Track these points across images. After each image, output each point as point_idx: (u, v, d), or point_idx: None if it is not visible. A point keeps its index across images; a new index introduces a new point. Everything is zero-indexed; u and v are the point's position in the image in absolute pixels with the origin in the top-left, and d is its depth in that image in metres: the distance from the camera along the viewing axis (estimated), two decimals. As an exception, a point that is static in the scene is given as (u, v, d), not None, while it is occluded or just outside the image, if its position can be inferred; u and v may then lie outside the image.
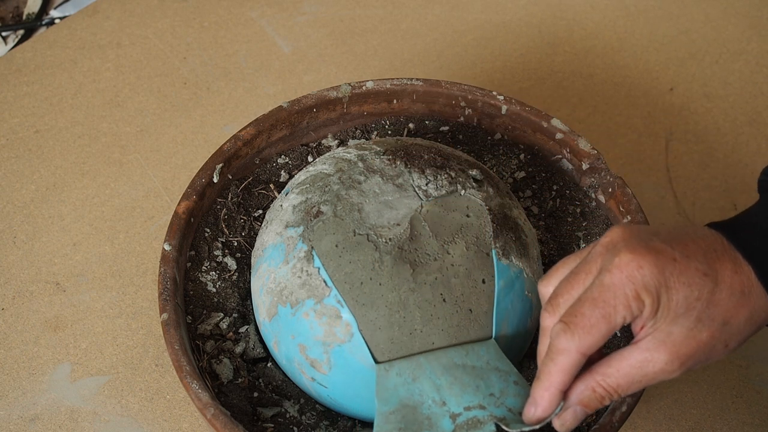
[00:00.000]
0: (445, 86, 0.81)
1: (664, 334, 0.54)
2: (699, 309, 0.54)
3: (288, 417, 0.69)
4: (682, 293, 0.54)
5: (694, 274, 0.54)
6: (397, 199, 0.67)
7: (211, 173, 0.76)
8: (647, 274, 0.53)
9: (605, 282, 0.54)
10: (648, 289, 0.53)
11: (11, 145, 0.96)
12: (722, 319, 0.54)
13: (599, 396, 0.56)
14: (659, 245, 0.55)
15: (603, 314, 0.54)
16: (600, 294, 0.54)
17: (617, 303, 0.54)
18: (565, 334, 0.54)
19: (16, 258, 0.88)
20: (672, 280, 0.54)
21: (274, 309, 0.68)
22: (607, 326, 0.54)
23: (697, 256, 0.55)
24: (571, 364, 0.55)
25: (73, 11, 1.08)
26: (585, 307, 0.54)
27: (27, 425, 0.79)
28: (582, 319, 0.54)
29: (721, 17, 1.08)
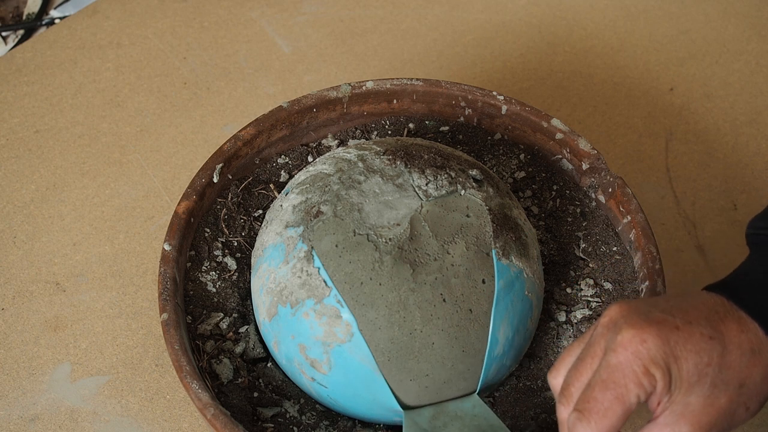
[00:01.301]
0: (445, 86, 0.81)
1: (682, 406, 0.53)
2: (712, 375, 0.53)
3: (288, 417, 0.69)
4: (692, 361, 0.53)
5: (699, 339, 0.53)
6: (397, 199, 0.67)
7: (211, 173, 0.76)
8: (652, 347, 0.52)
9: (612, 362, 0.53)
10: (656, 363, 0.52)
11: (11, 145, 0.96)
12: (737, 381, 0.54)
13: None
14: (659, 316, 0.54)
15: (615, 396, 0.53)
16: (609, 375, 0.53)
17: (628, 382, 0.52)
18: (581, 422, 0.53)
19: (16, 258, 0.88)
20: (678, 349, 0.53)
21: (274, 309, 0.68)
22: (622, 407, 0.53)
23: (699, 321, 0.54)
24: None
25: (73, 11, 1.08)
26: (596, 392, 0.53)
27: (27, 425, 0.79)
28: (595, 404, 0.53)
29: (721, 17, 1.08)
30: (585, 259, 0.77)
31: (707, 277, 0.88)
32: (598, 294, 0.75)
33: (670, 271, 0.87)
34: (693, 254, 0.90)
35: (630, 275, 0.75)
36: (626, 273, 0.75)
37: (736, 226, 0.92)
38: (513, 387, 0.72)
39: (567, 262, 0.77)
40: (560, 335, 0.73)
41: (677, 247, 0.90)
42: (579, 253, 0.77)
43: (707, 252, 0.90)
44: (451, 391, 0.67)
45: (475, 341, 0.66)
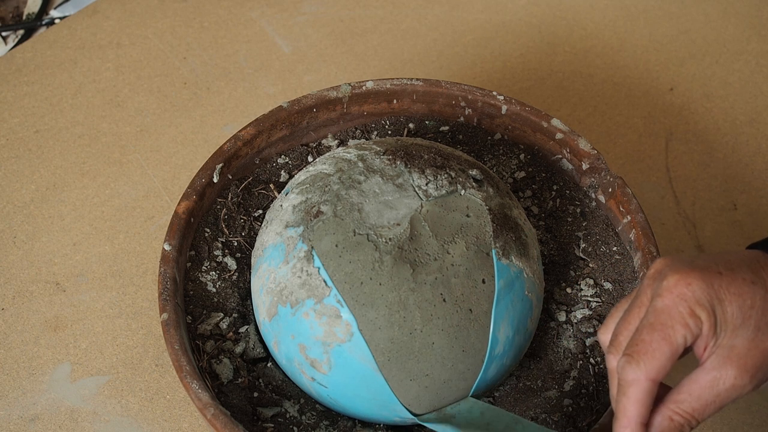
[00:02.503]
0: (445, 86, 0.81)
1: (728, 350, 0.54)
2: (755, 318, 0.54)
3: (288, 417, 0.69)
4: (735, 304, 0.54)
5: (742, 283, 0.54)
6: (397, 199, 0.67)
7: (211, 173, 0.76)
8: (697, 290, 0.54)
9: (658, 306, 0.54)
10: (701, 304, 0.54)
11: (11, 145, 0.96)
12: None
13: (678, 424, 0.55)
14: (702, 263, 0.55)
15: (662, 336, 0.54)
16: (656, 318, 0.54)
17: (674, 323, 0.54)
18: (630, 364, 0.54)
19: (16, 258, 0.88)
20: (722, 293, 0.54)
21: (274, 309, 0.68)
22: (670, 348, 0.54)
23: (741, 267, 0.55)
24: (644, 394, 0.55)
25: (73, 11, 1.08)
26: (644, 334, 0.54)
27: (27, 425, 0.79)
28: (643, 346, 0.54)
29: (721, 17, 1.08)
30: (585, 259, 0.77)
31: (707, 277, 0.88)
32: (598, 294, 0.75)
33: (670, 271, 0.87)
34: (693, 254, 0.90)
35: (630, 275, 0.75)
36: (626, 273, 0.75)
37: (736, 226, 0.92)
38: (513, 387, 0.72)
39: (567, 262, 0.77)
40: (560, 335, 0.73)
41: (677, 247, 0.90)
42: (579, 253, 0.77)
43: (707, 252, 0.90)
44: (451, 390, 0.67)
45: (475, 341, 0.66)
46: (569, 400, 0.70)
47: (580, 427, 0.69)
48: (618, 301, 0.74)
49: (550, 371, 0.72)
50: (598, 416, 0.69)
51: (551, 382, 0.72)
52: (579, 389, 0.71)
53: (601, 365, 0.72)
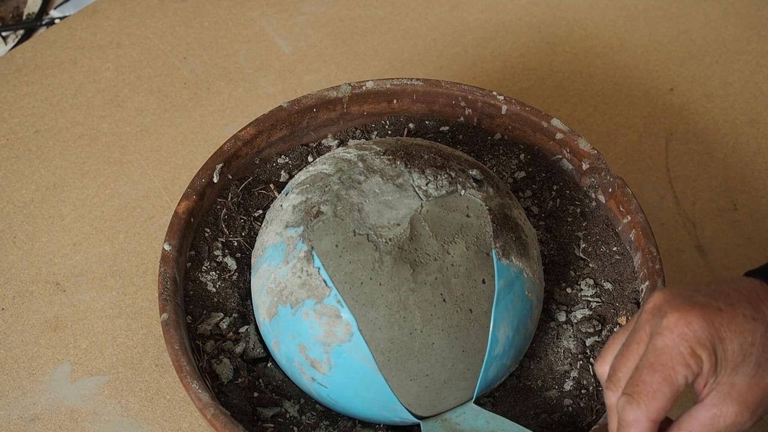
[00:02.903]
0: (445, 86, 0.81)
1: (728, 386, 0.54)
2: (756, 354, 0.54)
3: (288, 417, 0.69)
4: (736, 341, 0.54)
5: (743, 320, 0.54)
6: (397, 199, 0.67)
7: (211, 173, 0.76)
8: (698, 329, 0.54)
9: (658, 345, 0.54)
10: (702, 343, 0.54)
11: (11, 145, 0.96)
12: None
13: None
14: (702, 299, 0.55)
15: (664, 377, 0.54)
16: (656, 358, 0.54)
17: (675, 363, 0.54)
18: (631, 405, 0.54)
19: (16, 258, 0.88)
20: (723, 330, 0.54)
21: (274, 309, 0.68)
22: (671, 389, 0.54)
23: (742, 302, 0.55)
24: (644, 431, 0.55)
25: (73, 11, 1.08)
26: (644, 374, 0.54)
27: (27, 425, 0.79)
28: (644, 387, 0.54)
29: (721, 17, 1.08)
30: (585, 259, 0.77)
31: (707, 277, 0.88)
32: (598, 294, 0.75)
33: (670, 271, 0.87)
34: (693, 254, 0.90)
35: (630, 275, 0.75)
36: (626, 273, 0.75)
37: (736, 226, 0.92)
38: (513, 387, 0.72)
39: (567, 262, 0.77)
40: (560, 335, 0.73)
41: (677, 247, 0.90)
42: (579, 253, 0.77)
43: (707, 252, 0.90)
44: (451, 391, 0.67)
45: (475, 341, 0.66)
46: (569, 400, 0.70)
47: (580, 427, 0.69)
48: (618, 301, 0.74)
49: (550, 371, 0.72)
50: (598, 416, 0.69)
51: (551, 382, 0.72)
52: (579, 389, 0.71)
53: (601, 365, 0.72)
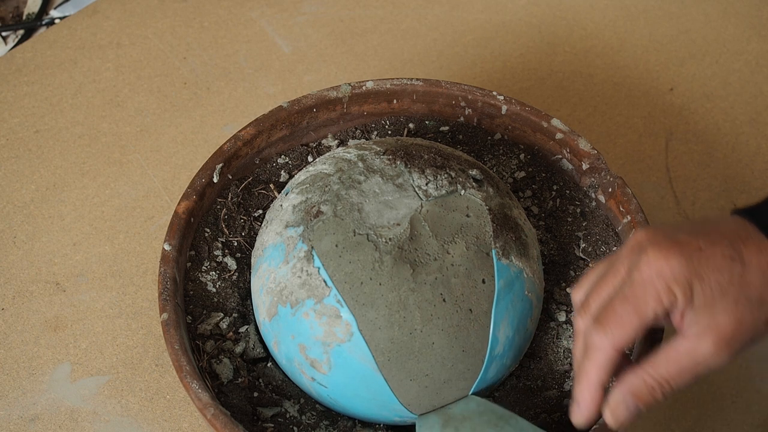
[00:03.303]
0: (445, 86, 0.81)
1: (707, 320, 0.56)
2: (734, 292, 0.55)
3: (288, 417, 0.69)
4: (714, 279, 0.55)
5: (721, 259, 0.56)
6: (397, 199, 0.67)
7: (211, 173, 0.76)
8: (675, 266, 0.55)
9: (635, 279, 0.56)
10: (678, 281, 0.55)
11: (11, 145, 0.96)
12: (758, 297, 0.56)
13: (650, 387, 0.57)
14: (684, 237, 0.56)
15: (634, 309, 0.56)
16: (630, 291, 0.56)
17: (647, 297, 0.55)
18: (598, 331, 0.56)
19: (16, 258, 0.88)
20: (701, 269, 0.55)
21: (274, 309, 0.68)
22: (639, 320, 0.56)
23: (722, 242, 0.56)
24: (607, 361, 0.57)
25: (73, 11, 1.08)
26: (616, 304, 0.56)
27: (27, 425, 0.79)
28: (614, 316, 0.56)
29: (721, 17, 1.08)
30: (585, 259, 0.77)
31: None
32: (598, 294, 0.75)
33: (670, 271, 0.87)
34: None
35: (630, 275, 0.75)
36: (626, 273, 0.75)
37: (736, 226, 0.92)
38: (513, 387, 0.72)
39: (567, 262, 0.77)
40: (560, 335, 0.73)
41: (677, 247, 0.90)
42: (579, 253, 0.77)
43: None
44: (451, 390, 0.67)
45: (475, 341, 0.66)
46: (569, 400, 0.70)
47: (580, 427, 0.69)
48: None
49: (550, 371, 0.72)
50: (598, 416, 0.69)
51: (551, 382, 0.72)
52: (579, 389, 0.71)
53: (601, 365, 0.72)
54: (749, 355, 0.84)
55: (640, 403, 0.57)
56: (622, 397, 0.58)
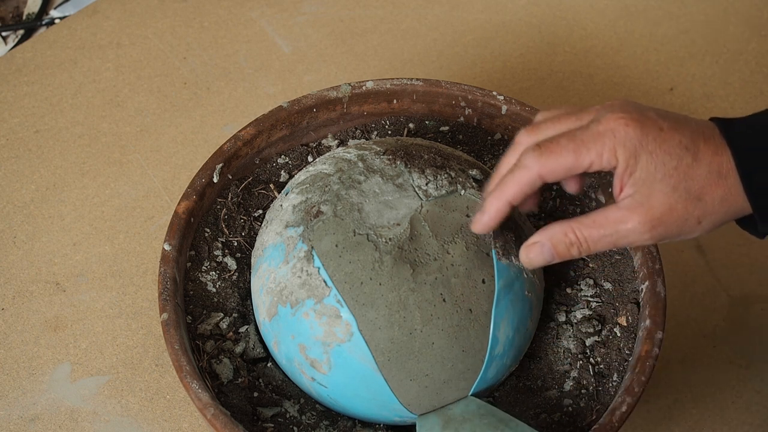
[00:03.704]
0: (445, 86, 0.81)
1: (641, 197, 0.58)
2: (676, 178, 0.57)
3: (288, 417, 0.69)
4: (661, 159, 0.57)
5: (676, 145, 0.58)
6: (397, 199, 0.67)
7: (211, 173, 0.76)
8: (630, 133, 0.57)
9: (591, 128, 0.58)
10: (626, 146, 0.57)
11: (11, 145, 0.96)
12: (697, 193, 0.58)
13: (569, 240, 0.60)
14: (652, 115, 0.58)
15: (575, 148, 0.58)
16: (581, 134, 0.58)
17: (592, 146, 0.58)
18: (535, 153, 0.59)
19: (16, 258, 0.88)
20: (653, 146, 0.57)
21: (274, 309, 0.68)
22: (573, 160, 0.58)
23: (684, 131, 0.58)
24: (527, 181, 0.59)
25: (73, 11, 1.09)
26: (562, 139, 0.58)
27: (27, 425, 0.79)
28: (555, 147, 0.58)
29: (721, 17, 1.08)
30: (585, 259, 0.77)
31: (707, 277, 0.88)
32: (598, 294, 0.75)
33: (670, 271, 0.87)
34: (693, 254, 0.90)
35: (630, 275, 0.75)
36: (626, 273, 0.75)
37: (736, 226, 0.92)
38: (513, 387, 0.72)
39: (567, 262, 0.77)
40: (560, 335, 0.73)
41: (677, 247, 0.90)
42: (579, 253, 0.77)
43: (707, 252, 0.90)
44: (451, 390, 0.67)
45: (475, 341, 0.66)
46: (569, 400, 0.70)
47: (580, 427, 0.69)
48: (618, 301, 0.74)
49: (550, 371, 0.72)
50: (598, 416, 0.69)
51: (551, 382, 0.72)
52: (579, 389, 0.71)
53: (600, 365, 0.72)
54: (750, 354, 0.84)
55: (555, 253, 0.60)
56: (541, 240, 0.61)
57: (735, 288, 0.88)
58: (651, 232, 0.58)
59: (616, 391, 0.70)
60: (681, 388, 0.82)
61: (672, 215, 0.58)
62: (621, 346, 0.72)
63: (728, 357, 0.84)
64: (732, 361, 0.84)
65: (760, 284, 0.88)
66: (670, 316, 0.81)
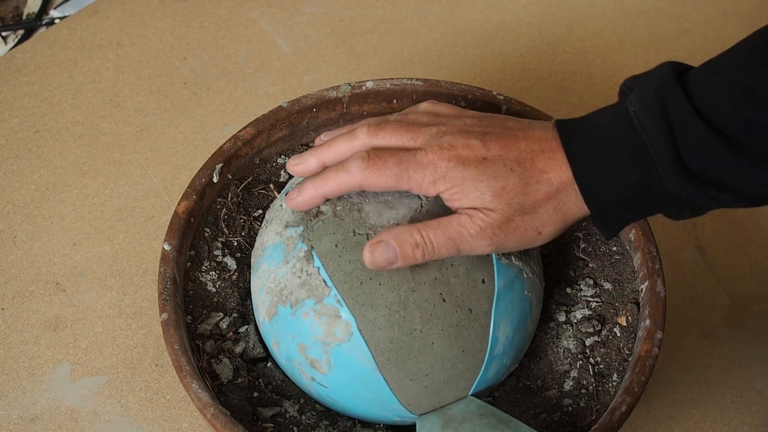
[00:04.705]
0: (445, 86, 0.81)
1: (483, 213, 0.62)
2: (506, 197, 0.61)
3: (288, 417, 0.69)
4: (486, 183, 0.61)
5: (501, 168, 0.61)
6: (397, 199, 0.67)
7: (211, 173, 0.76)
8: (451, 167, 0.61)
9: (417, 157, 0.62)
10: (446, 179, 0.61)
11: (11, 145, 0.96)
12: (531, 206, 0.61)
13: (414, 241, 0.62)
14: (476, 144, 0.62)
15: (398, 172, 0.62)
16: (407, 160, 0.62)
17: (413, 174, 0.62)
18: (363, 163, 0.63)
19: (16, 258, 0.88)
20: (476, 173, 0.61)
21: (273, 309, 0.68)
22: (394, 182, 0.63)
23: (509, 155, 0.62)
24: (346, 185, 0.64)
25: (73, 11, 1.09)
26: (391, 159, 0.63)
27: (27, 425, 0.79)
28: (383, 165, 0.62)
29: (721, 17, 1.08)
30: (585, 259, 0.77)
31: (707, 277, 0.88)
32: (598, 294, 0.75)
33: (670, 271, 0.87)
34: (693, 254, 0.90)
35: (630, 275, 0.75)
36: (626, 273, 0.75)
37: (735, 226, 0.92)
38: (513, 387, 0.72)
39: (567, 262, 0.77)
40: (560, 335, 0.73)
41: (677, 247, 0.90)
42: (579, 253, 0.77)
43: (707, 252, 0.90)
44: (451, 390, 0.67)
45: (474, 341, 0.66)
46: (569, 400, 0.70)
47: (580, 427, 0.69)
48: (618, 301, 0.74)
49: (550, 371, 0.72)
50: (598, 416, 0.69)
51: (551, 382, 0.72)
52: (579, 389, 0.71)
53: (600, 365, 0.72)
54: (750, 354, 0.84)
55: (399, 252, 0.62)
56: (386, 239, 0.62)
57: (735, 288, 0.88)
58: (491, 239, 0.62)
59: (616, 391, 0.70)
60: (681, 388, 0.82)
61: (510, 226, 0.62)
62: (621, 346, 0.72)
63: (728, 357, 0.84)
64: (732, 361, 0.84)
65: (760, 284, 0.88)
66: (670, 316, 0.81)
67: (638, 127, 0.60)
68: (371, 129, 0.65)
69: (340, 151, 0.66)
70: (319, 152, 0.67)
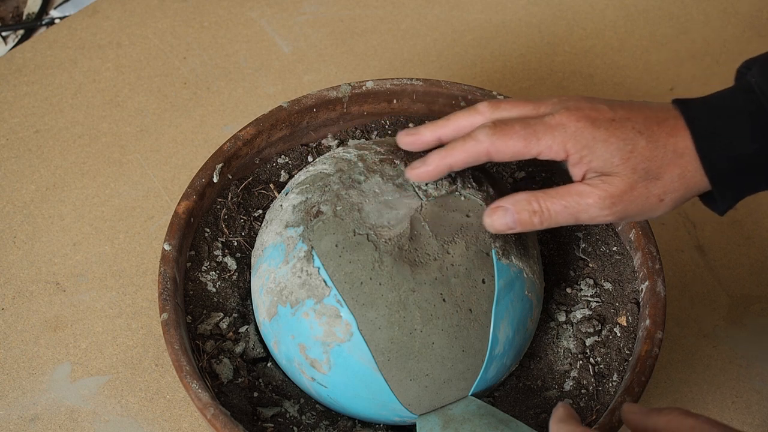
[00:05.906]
0: (445, 86, 0.81)
1: (600, 181, 0.61)
2: (633, 160, 0.61)
3: (288, 417, 0.69)
4: (616, 145, 0.60)
5: (629, 130, 0.61)
6: (397, 199, 0.67)
7: (211, 173, 0.76)
8: (581, 127, 0.61)
9: (545, 120, 0.62)
10: (576, 140, 0.61)
11: (11, 145, 0.96)
12: (656, 172, 0.61)
13: (532, 208, 0.62)
14: (603, 107, 0.62)
15: (525, 136, 0.61)
16: (534, 125, 0.62)
17: (542, 138, 0.61)
18: (489, 129, 0.62)
19: (16, 258, 0.88)
20: (606, 134, 0.61)
21: (274, 309, 0.68)
22: (523, 146, 0.62)
23: (637, 118, 0.61)
24: (475, 153, 0.63)
25: (73, 11, 1.09)
26: (517, 124, 0.62)
27: (27, 425, 0.79)
28: (509, 130, 0.62)
29: (721, 17, 1.08)
30: (585, 259, 0.77)
31: (707, 277, 0.88)
32: (598, 294, 0.75)
33: (670, 271, 0.87)
34: (693, 254, 0.90)
35: (630, 275, 0.75)
36: (626, 273, 0.75)
37: (736, 226, 0.92)
38: (513, 387, 0.72)
39: (567, 262, 0.77)
40: (560, 335, 0.73)
41: (677, 247, 0.90)
42: (579, 253, 0.77)
43: (707, 252, 0.90)
44: (451, 390, 0.67)
45: (475, 341, 0.66)
46: (569, 400, 0.70)
47: (580, 427, 0.69)
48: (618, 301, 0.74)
49: (550, 371, 0.72)
50: (598, 416, 0.69)
51: (551, 382, 0.72)
52: (579, 389, 0.71)
53: (600, 365, 0.72)
54: (749, 354, 0.84)
55: (517, 219, 0.63)
56: (505, 205, 0.63)
57: (735, 288, 0.88)
58: (611, 208, 0.61)
59: (616, 391, 0.70)
60: (681, 388, 0.82)
61: (633, 193, 0.61)
62: (621, 346, 0.72)
63: (728, 357, 0.84)
64: (732, 361, 0.84)
65: (760, 284, 0.88)
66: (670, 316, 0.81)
67: (760, 95, 0.61)
68: (492, 103, 0.64)
69: (459, 125, 0.65)
70: (436, 126, 0.66)
